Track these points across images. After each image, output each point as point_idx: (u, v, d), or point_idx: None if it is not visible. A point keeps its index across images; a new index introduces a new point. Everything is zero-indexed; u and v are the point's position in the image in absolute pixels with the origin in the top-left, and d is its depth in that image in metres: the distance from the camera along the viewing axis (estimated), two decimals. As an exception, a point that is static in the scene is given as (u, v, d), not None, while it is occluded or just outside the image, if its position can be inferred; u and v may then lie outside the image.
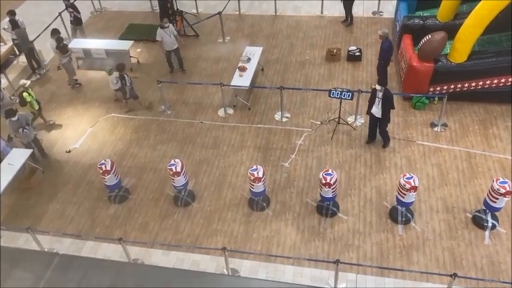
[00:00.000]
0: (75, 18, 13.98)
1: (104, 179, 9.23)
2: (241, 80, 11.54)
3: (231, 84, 11.52)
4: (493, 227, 8.58)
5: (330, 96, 10.39)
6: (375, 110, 9.79)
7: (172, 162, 8.91)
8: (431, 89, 11.00)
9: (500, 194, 7.96)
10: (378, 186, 9.58)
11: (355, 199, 9.38)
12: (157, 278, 6.62)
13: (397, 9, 13.62)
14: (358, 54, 12.97)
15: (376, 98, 9.61)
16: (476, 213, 8.80)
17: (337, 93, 10.18)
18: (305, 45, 13.90)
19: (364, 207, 9.21)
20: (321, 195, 8.82)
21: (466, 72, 10.61)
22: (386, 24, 14.36)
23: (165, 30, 12.29)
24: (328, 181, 8.32)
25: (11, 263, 8.35)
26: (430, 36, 10.50)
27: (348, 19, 14.39)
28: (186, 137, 11.18)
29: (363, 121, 11.03)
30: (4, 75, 12.59)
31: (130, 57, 13.59)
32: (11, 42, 14.03)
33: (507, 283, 7.62)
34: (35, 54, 13.47)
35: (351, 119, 11.12)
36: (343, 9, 14.27)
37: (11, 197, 9.91)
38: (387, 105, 9.60)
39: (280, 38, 14.32)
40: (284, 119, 11.38)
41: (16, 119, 9.88)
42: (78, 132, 11.58)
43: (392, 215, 8.93)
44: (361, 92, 10.75)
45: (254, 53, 12.43)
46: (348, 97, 10.15)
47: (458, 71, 10.62)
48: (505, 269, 8.00)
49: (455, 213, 8.93)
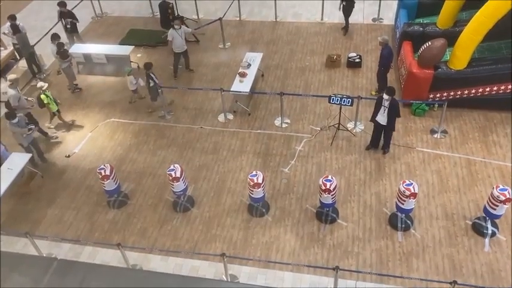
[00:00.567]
0: (72, 25, 13.99)
1: (103, 184, 9.21)
2: (242, 86, 11.56)
3: (231, 89, 11.53)
4: (493, 234, 8.55)
5: (329, 102, 10.40)
6: (380, 118, 9.79)
7: (171, 167, 8.89)
8: (431, 95, 11.02)
9: (500, 201, 7.94)
10: (378, 193, 9.56)
11: (355, 205, 9.36)
12: (155, 284, 6.61)
13: (397, 16, 13.68)
14: (358, 60, 13.00)
15: (381, 106, 9.61)
16: (476, 221, 8.78)
17: (337, 99, 10.19)
18: (305, 52, 13.94)
19: (363, 214, 9.19)
20: (320, 202, 8.80)
21: (466, 79, 10.63)
22: (386, 31, 14.41)
23: (177, 31, 12.35)
24: (327, 187, 8.30)
25: (9, 267, 8.32)
26: (430, 43, 10.53)
27: (346, 27, 14.40)
28: (185, 142, 11.18)
29: (363, 127, 11.03)
30: (4, 80, 12.59)
31: (131, 62, 13.62)
32: (12, 46, 14.06)
33: (507, 291, 7.60)
34: (36, 58, 13.49)
35: (350, 125, 11.12)
36: (343, 16, 14.28)
37: (9, 201, 9.88)
38: (393, 114, 9.60)
39: (280, 44, 14.36)
40: (284, 125, 11.38)
41: (16, 121, 9.88)
42: (77, 137, 11.58)
43: (392, 221, 8.91)
44: (361, 99, 10.76)
45: (254, 58, 12.47)
46: (348, 103, 10.16)
47: (458, 77, 10.63)
48: (505, 276, 7.97)
49: (455, 220, 8.91)
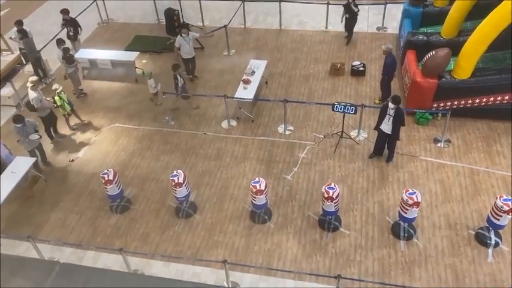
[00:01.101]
0: (75, 33, 14.10)
1: (106, 188, 9.24)
2: (245, 93, 11.60)
3: (235, 96, 11.57)
4: (496, 244, 8.51)
5: (333, 110, 10.42)
6: (385, 127, 9.79)
7: (174, 173, 8.91)
8: (434, 104, 11.02)
9: (504, 212, 7.91)
10: (381, 201, 9.54)
11: (358, 214, 9.34)
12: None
13: (401, 25, 13.73)
14: (362, 69, 13.03)
15: (386, 114, 9.62)
16: (479, 231, 8.74)
17: (341, 107, 10.20)
18: (309, 60, 13.99)
19: (366, 222, 9.16)
20: (323, 209, 8.78)
21: (470, 88, 10.63)
22: (391, 40, 14.45)
23: (184, 37, 12.45)
24: (330, 195, 8.29)
25: (12, 270, 8.35)
26: (434, 52, 10.55)
27: (350, 37, 14.44)
28: (189, 148, 11.21)
29: (366, 135, 11.04)
30: (10, 84, 12.70)
31: (136, 68, 13.71)
32: (18, 51, 14.19)
33: (510, 302, 7.55)
34: (42, 63, 13.60)
35: (354, 133, 11.13)
36: (346, 26, 14.28)
37: (13, 205, 9.91)
38: (398, 123, 9.60)
39: (284, 52, 14.42)
40: (287, 132, 11.40)
41: (22, 125, 9.93)
42: (81, 141, 11.62)
43: (395, 230, 8.88)
44: (365, 107, 10.78)
45: (258, 66, 12.52)
46: (352, 111, 10.17)
47: (462, 87, 10.64)
48: (508, 287, 7.91)
49: (458, 230, 8.87)
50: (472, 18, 11.52)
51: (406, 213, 8.28)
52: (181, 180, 8.83)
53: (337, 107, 10.26)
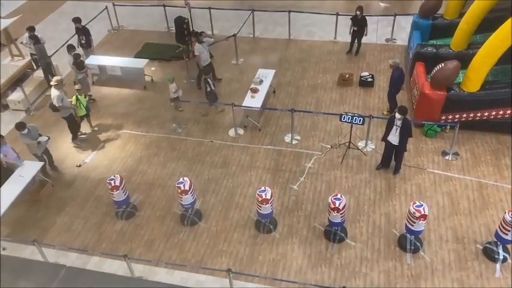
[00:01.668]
0: (87, 41, 14.25)
1: (113, 194, 9.26)
2: (253, 101, 11.63)
3: (243, 104, 11.60)
4: (504, 259, 8.39)
5: (341, 120, 10.40)
6: (392, 138, 9.75)
7: (181, 180, 8.91)
8: (443, 117, 10.96)
9: (512, 226, 7.81)
10: (387, 213, 9.47)
11: (364, 225, 9.26)
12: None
13: (410, 37, 13.72)
14: (370, 80, 13.02)
15: (393, 125, 9.59)
16: (487, 245, 8.63)
17: (349, 117, 10.18)
18: (317, 70, 14.01)
19: (372, 234, 9.08)
20: (329, 220, 8.73)
21: (479, 101, 10.58)
22: (400, 51, 14.45)
23: (203, 45, 12.60)
24: (336, 206, 8.25)
25: (17, 273, 8.41)
26: (443, 64, 10.52)
27: (358, 48, 14.45)
28: (195, 155, 11.22)
29: (374, 146, 10.99)
30: (21, 89, 12.83)
31: (145, 75, 13.80)
32: (29, 56, 14.35)
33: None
34: (52, 69, 13.73)
35: (361, 144, 11.08)
36: (353, 39, 14.25)
37: (20, 208, 9.96)
38: (405, 134, 9.57)
39: (292, 62, 14.46)
40: (294, 142, 11.38)
41: (26, 132, 10.00)
42: (89, 147, 11.69)
43: (401, 243, 8.79)
44: (373, 118, 10.75)
45: (266, 75, 12.56)
46: (359, 122, 10.14)
47: (471, 100, 10.59)
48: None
49: (465, 244, 8.77)
50: (481, 31, 11.50)
51: (412, 225, 8.20)
52: (187, 187, 8.83)
53: (344, 117, 10.24)
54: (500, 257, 8.38)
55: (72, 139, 11.69)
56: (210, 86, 11.80)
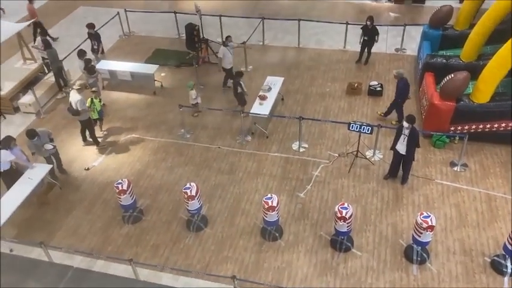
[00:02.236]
0: (98, 46, 14.39)
1: (120, 198, 9.30)
2: (261, 108, 11.66)
3: (251, 111, 11.63)
4: (512, 273, 8.29)
5: (349, 129, 10.38)
6: (400, 147, 9.72)
7: (187, 185, 8.94)
8: (452, 128, 10.90)
9: (521, 240, 7.72)
10: (394, 223, 9.40)
11: (370, 235, 9.21)
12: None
13: (420, 47, 13.70)
14: (379, 89, 13.00)
15: (402, 134, 9.56)
16: (495, 258, 8.52)
17: (357, 126, 10.16)
18: (326, 78, 14.02)
19: (379, 244, 9.02)
20: (335, 229, 8.69)
21: (488, 113, 10.51)
22: (409, 61, 14.43)
23: (227, 48, 12.73)
24: (343, 215, 8.21)
25: (25, 273, 8.50)
26: (452, 75, 10.48)
27: (368, 57, 14.45)
28: (203, 161, 11.25)
29: (382, 156, 10.95)
30: (32, 92, 12.97)
31: (155, 80, 13.90)
32: (41, 60, 14.53)
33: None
34: (63, 73, 13.89)
35: (369, 153, 11.04)
36: (363, 49, 14.26)
37: (28, 210, 10.04)
38: (413, 143, 9.52)
39: (301, 70, 14.49)
40: (302, 149, 11.37)
41: (37, 138, 10.07)
42: (98, 150, 11.77)
43: (408, 253, 8.72)
44: (381, 127, 10.72)
45: (275, 82, 12.60)
46: (368, 131, 10.12)
47: (481, 111, 10.52)
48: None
49: (473, 256, 8.67)
50: (492, 42, 11.45)
51: (419, 236, 8.13)
52: (193, 193, 8.85)
53: (353, 126, 10.22)
54: (509, 270, 8.27)
55: (96, 144, 11.81)
56: (241, 88, 12.00)
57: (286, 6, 18.41)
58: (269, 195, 8.58)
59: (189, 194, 8.82)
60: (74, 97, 11.06)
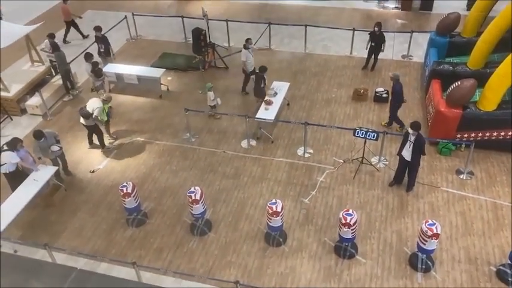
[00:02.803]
0: (106, 50, 14.49)
1: (124, 201, 9.31)
2: (267, 113, 11.66)
3: (257, 116, 11.64)
4: (518, 283, 8.21)
5: (354, 135, 10.36)
6: (405, 153, 9.69)
7: (192, 189, 8.94)
8: (458, 135, 10.85)
9: (528, 249, 7.64)
10: (399, 231, 9.35)
11: (375, 242, 9.15)
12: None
13: (427, 54, 13.67)
14: (385, 95, 12.97)
15: (408, 141, 9.53)
16: (500, 267, 8.45)
17: (362, 132, 10.14)
18: (332, 84, 14.01)
19: (383, 251, 8.97)
20: (339, 236, 8.65)
21: (495, 121, 10.46)
22: (416, 68, 14.40)
23: (249, 50, 12.85)
24: (348, 221, 8.17)
25: (29, 274, 8.54)
26: (459, 82, 10.44)
27: (374, 63, 14.43)
28: (207, 165, 11.26)
29: (387, 163, 10.90)
30: (39, 94, 13.05)
31: (161, 84, 13.95)
32: (49, 63, 14.63)
33: None
34: (71, 76, 13.97)
35: (374, 160, 11.01)
36: (369, 55, 14.25)
37: (33, 211, 10.08)
38: (418, 150, 9.49)
39: (307, 75, 14.50)
40: (307, 155, 11.36)
41: (44, 139, 10.13)
42: (103, 153, 11.81)
43: (412, 261, 8.66)
44: (387, 134, 10.68)
45: (281, 87, 12.61)
46: (373, 137, 10.09)
47: (487, 119, 10.47)
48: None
49: (478, 265, 8.60)
50: (499, 50, 11.42)
51: (424, 244, 8.08)
52: (198, 197, 8.85)
53: (358, 132, 10.20)
54: (514, 280, 8.20)
55: (102, 147, 11.85)
56: (264, 83, 12.23)
57: (292, 12, 18.46)
58: (273, 201, 8.57)
59: (193, 198, 8.82)
60: (95, 104, 11.13)
